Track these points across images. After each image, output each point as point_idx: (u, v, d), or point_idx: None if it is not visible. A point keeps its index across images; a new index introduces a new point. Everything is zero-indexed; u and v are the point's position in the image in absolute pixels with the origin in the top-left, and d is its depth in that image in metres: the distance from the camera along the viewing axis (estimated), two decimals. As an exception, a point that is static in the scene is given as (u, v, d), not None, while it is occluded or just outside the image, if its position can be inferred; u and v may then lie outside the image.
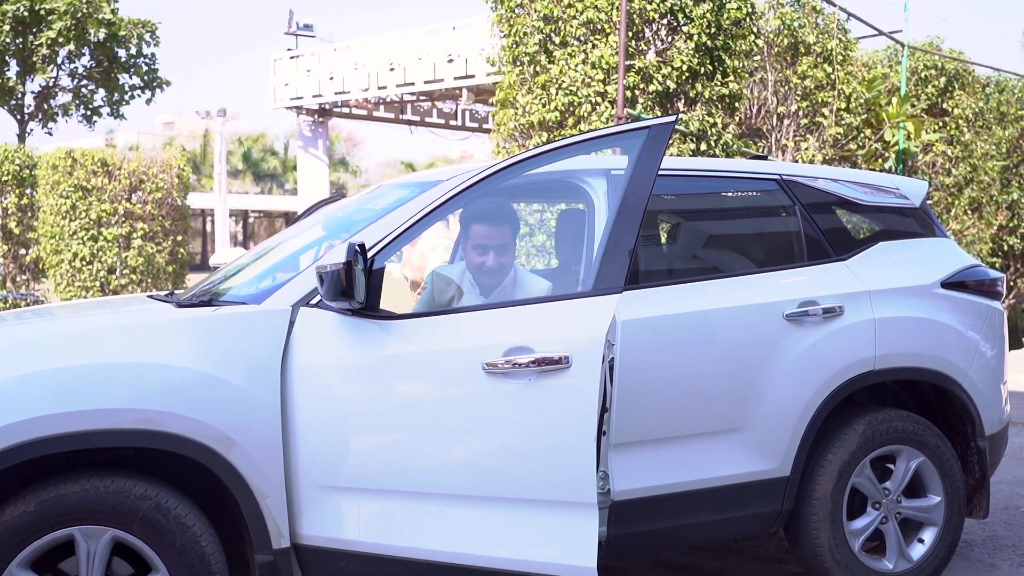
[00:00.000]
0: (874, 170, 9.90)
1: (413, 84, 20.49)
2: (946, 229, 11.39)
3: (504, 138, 8.28)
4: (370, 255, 3.05)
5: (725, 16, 8.03)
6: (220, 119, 27.97)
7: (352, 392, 3.05)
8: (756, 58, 9.35)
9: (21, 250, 13.43)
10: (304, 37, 24.53)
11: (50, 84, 20.53)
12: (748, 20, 8.38)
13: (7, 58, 19.75)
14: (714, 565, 4.45)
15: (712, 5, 7.92)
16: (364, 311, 3.03)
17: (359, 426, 3.04)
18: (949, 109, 12.01)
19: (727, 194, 4.25)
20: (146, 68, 20.83)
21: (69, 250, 12.05)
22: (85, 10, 19.12)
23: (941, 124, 11.88)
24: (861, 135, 10.39)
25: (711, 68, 8.04)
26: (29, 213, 13.17)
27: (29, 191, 13.12)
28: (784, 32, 9.65)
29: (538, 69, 7.99)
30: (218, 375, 2.92)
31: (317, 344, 3.05)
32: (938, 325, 3.99)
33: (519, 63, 8.09)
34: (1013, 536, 4.86)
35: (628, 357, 3.41)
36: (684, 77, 7.90)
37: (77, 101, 20.82)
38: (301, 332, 3.04)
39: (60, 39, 19.18)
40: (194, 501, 2.96)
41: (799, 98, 9.70)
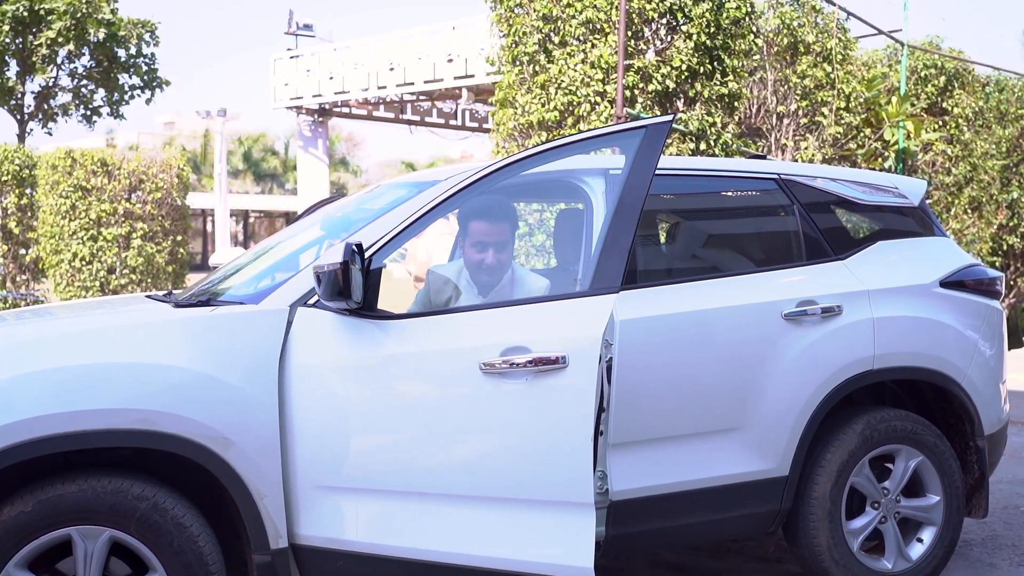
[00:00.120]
0: (874, 169, 9.89)
1: (413, 84, 20.49)
2: (946, 228, 11.42)
3: (504, 138, 8.28)
4: (368, 255, 3.05)
5: (724, 15, 8.03)
6: (220, 119, 27.99)
7: (350, 392, 3.05)
8: (755, 57, 9.35)
9: (21, 250, 13.43)
10: (304, 37, 24.54)
11: (50, 84, 20.53)
12: (747, 19, 8.38)
13: (7, 58, 19.74)
14: (713, 565, 4.45)
15: (711, 4, 7.92)
16: (362, 311, 3.03)
17: (357, 426, 3.04)
18: (949, 108, 12.00)
19: (725, 193, 4.24)
20: (146, 68, 20.82)
21: (69, 250, 12.05)
22: (85, 10, 19.12)
23: (941, 123, 11.88)
24: (861, 134, 10.39)
25: (710, 67, 8.04)
26: (29, 213, 13.17)
27: (29, 191, 13.12)
28: (783, 31, 9.64)
29: (537, 69, 7.98)
30: (216, 375, 2.92)
31: (315, 344, 3.04)
32: (937, 324, 3.98)
33: (518, 63, 8.09)
34: (1012, 535, 4.85)
35: (626, 357, 3.41)
36: (683, 76, 7.90)
37: (77, 101, 20.82)
38: (299, 332, 3.04)
39: (60, 39, 19.17)
40: (192, 501, 2.95)
41: (799, 97, 9.69)
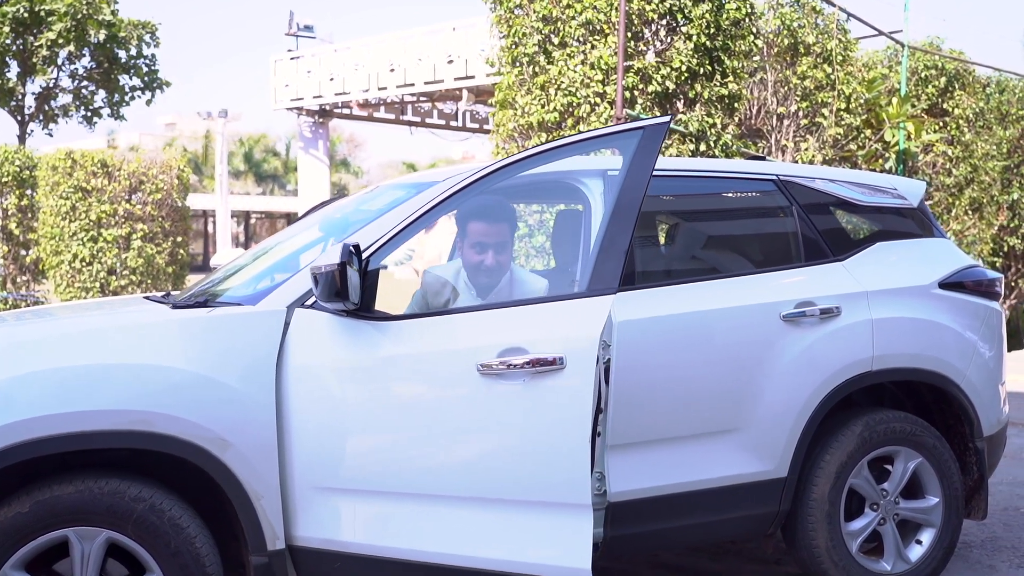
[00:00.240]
0: (874, 170, 9.89)
1: (413, 85, 20.49)
2: (947, 229, 11.43)
3: (503, 139, 8.27)
4: (365, 256, 3.05)
5: (724, 16, 8.02)
6: (222, 120, 28.02)
7: (347, 393, 3.05)
8: (755, 58, 9.34)
9: (21, 251, 13.43)
10: (304, 38, 24.54)
11: (50, 85, 20.54)
12: (747, 20, 8.38)
13: (7, 59, 19.76)
14: (711, 566, 4.44)
15: (711, 5, 7.91)
16: (359, 312, 3.03)
17: (354, 427, 3.04)
18: (949, 109, 11.99)
19: (724, 195, 4.24)
20: (146, 69, 20.83)
21: (69, 251, 12.05)
22: (85, 11, 19.13)
23: (941, 124, 11.87)
24: (861, 135, 10.38)
25: (710, 69, 8.04)
26: (29, 214, 13.17)
27: (29, 192, 13.12)
28: (784, 32, 9.64)
29: (537, 70, 7.98)
30: (213, 376, 2.91)
31: (312, 345, 3.04)
32: (936, 326, 3.98)
33: (518, 64, 8.08)
34: (1012, 537, 4.85)
35: (625, 358, 3.41)
36: (683, 78, 7.89)
37: (77, 102, 20.83)
38: (296, 333, 3.03)
39: (60, 40, 19.19)
40: (189, 502, 2.95)
41: (799, 98, 9.68)
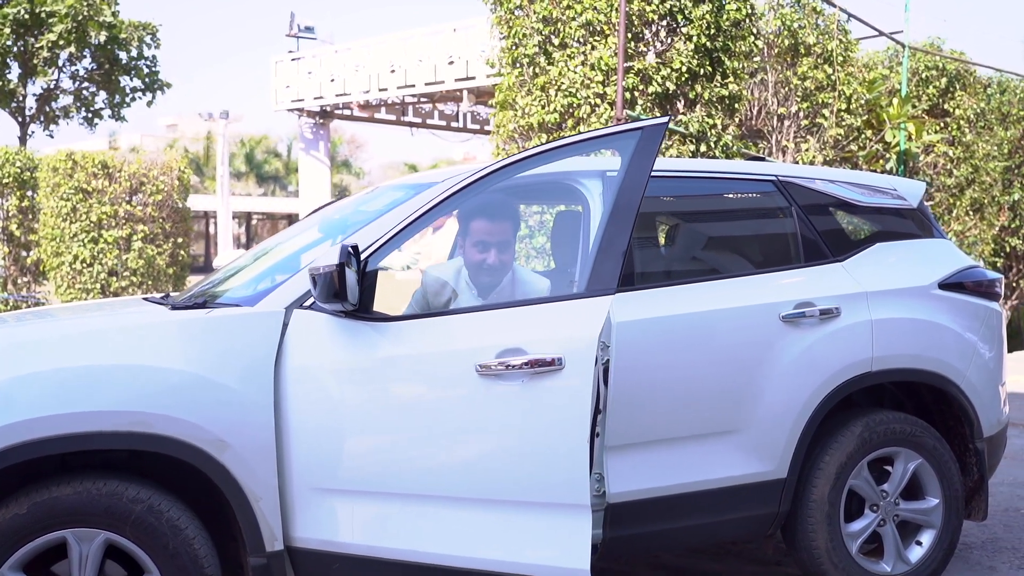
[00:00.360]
0: (875, 171, 9.87)
1: (414, 86, 20.48)
2: (947, 230, 11.42)
3: (504, 140, 8.27)
4: (364, 257, 3.05)
5: (725, 17, 8.02)
6: (223, 121, 27.99)
7: (346, 394, 3.05)
8: (756, 59, 9.33)
9: (22, 252, 13.43)
10: (305, 39, 24.54)
11: (51, 87, 20.55)
12: (748, 21, 8.37)
13: (8, 61, 19.77)
14: (711, 567, 4.44)
15: (711, 6, 7.91)
16: (357, 313, 3.03)
17: (353, 428, 3.03)
18: (950, 110, 11.98)
19: (723, 195, 4.23)
20: (147, 70, 20.84)
21: (70, 252, 12.05)
22: (86, 13, 19.14)
23: (942, 125, 11.86)
24: (862, 136, 10.37)
25: (711, 69, 8.03)
26: (30, 215, 13.17)
27: (30, 193, 13.12)
28: (784, 33, 9.63)
29: (537, 71, 7.98)
30: (211, 377, 2.91)
31: (311, 346, 3.04)
32: (935, 326, 3.97)
33: (518, 65, 8.08)
34: (1013, 538, 4.84)
35: (624, 359, 3.40)
36: (683, 78, 7.89)
37: (78, 103, 20.84)
38: (295, 334, 3.03)
39: (61, 41, 19.20)
40: (188, 504, 2.95)
41: (799, 99, 9.68)
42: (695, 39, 7.81)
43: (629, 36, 7.74)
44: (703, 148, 7.95)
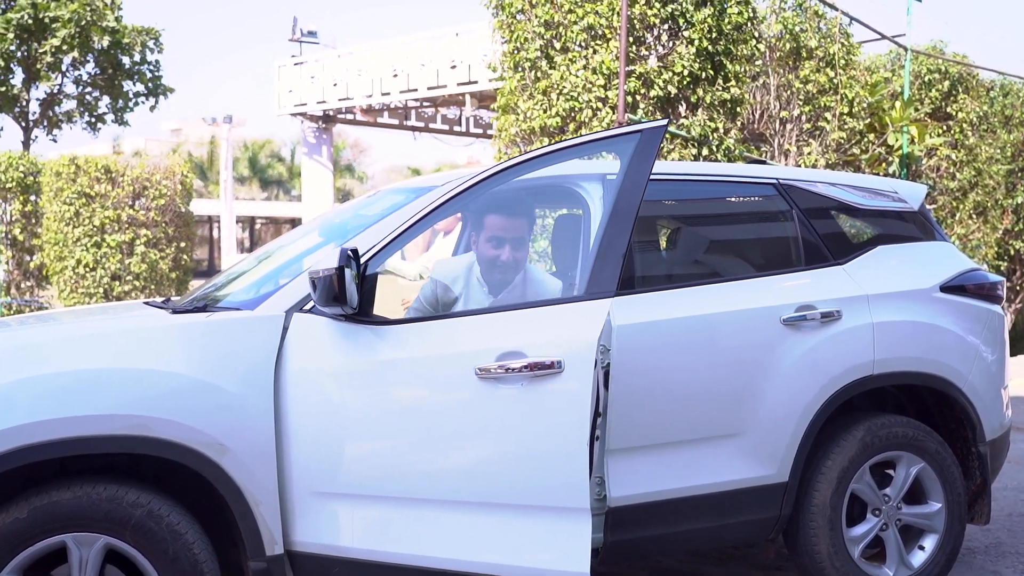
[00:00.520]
0: (877, 174, 9.86)
1: (416, 90, 20.51)
2: (951, 234, 11.40)
3: (506, 144, 8.28)
4: (363, 260, 3.04)
5: (726, 21, 8.03)
6: (227, 126, 28.06)
7: (346, 398, 3.04)
8: (758, 63, 9.33)
9: (25, 257, 13.45)
10: (308, 43, 24.59)
11: (54, 91, 20.58)
12: (749, 25, 8.38)
13: (12, 66, 19.79)
14: (713, 572, 4.43)
15: (713, 10, 7.92)
16: (357, 316, 3.03)
17: (353, 432, 3.03)
18: (953, 113, 11.97)
19: (724, 199, 4.23)
20: (150, 75, 20.86)
21: (73, 256, 12.07)
22: (89, 18, 19.16)
23: (945, 128, 11.85)
24: (864, 139, 10.36)
25: (712, 73, 8.03)
26: (33, 220, 13.19)
27: (33, 198, 13.14)
28: (786, 36, 9.62)
29: (539, 75, 7.98)
30: (211, 381, 2.91)
31: (311, 350, 3.04)
32: (937, 329, 3.96)
33: (520, 69, 8.09)
34: (1016, 543, 4.82)
35: (624, 362, 3.39)
36: (685, 82, 7.89)
37: (81, 108, 20.86)
38: (295, 338, 3.03)
39: (64, 47, 19.22)
40: (187, 508, 2.94)
41: (801, 103, 9.67)
42: (697, 43, 7.82)
43: (631, 40, 7.75)
44: (705, 152, 7.95)
